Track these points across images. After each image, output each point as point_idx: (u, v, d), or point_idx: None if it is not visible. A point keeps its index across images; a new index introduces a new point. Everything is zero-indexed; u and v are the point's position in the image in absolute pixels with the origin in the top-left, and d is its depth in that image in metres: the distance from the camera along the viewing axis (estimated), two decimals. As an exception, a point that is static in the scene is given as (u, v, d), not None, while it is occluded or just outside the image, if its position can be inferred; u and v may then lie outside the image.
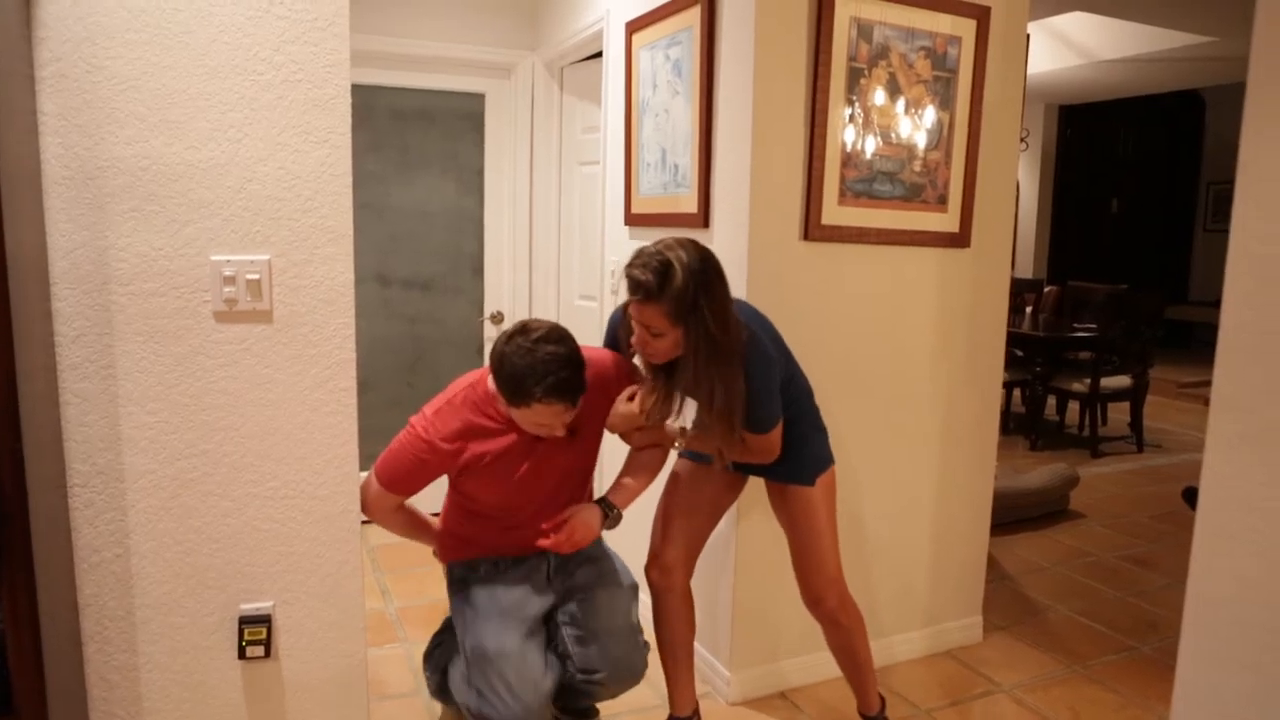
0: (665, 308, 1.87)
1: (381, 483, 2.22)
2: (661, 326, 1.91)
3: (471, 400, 2.17)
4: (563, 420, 2.07)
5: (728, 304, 1.95)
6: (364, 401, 3.95)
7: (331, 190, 1.96)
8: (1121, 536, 4.30)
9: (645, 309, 1.90)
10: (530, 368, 1.97)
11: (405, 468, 2.19)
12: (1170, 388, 8.04)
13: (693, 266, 1.89)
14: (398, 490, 2.22)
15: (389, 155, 3.95)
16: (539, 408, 2.00)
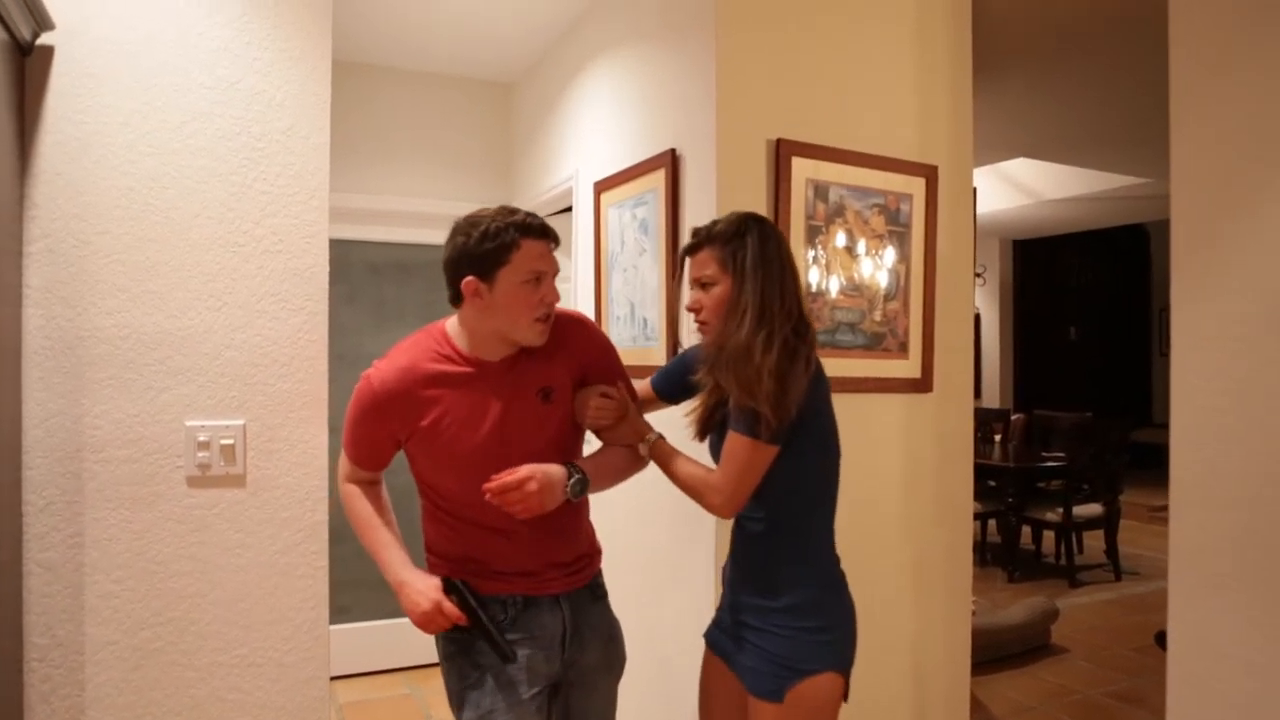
0: (715, 250, 1.73)
1: (345, 449, 1.88)
2: (712, 273, 1.73)
3: (424, 341, 1.81)
4: (555, 271, 1.74)
5: (786, 275, 1.74)
6: (337, 553, 3.89)
7: (307, 355, 2.01)
8: (1105, 671, 4.24)
9: (696, 257, 1.77)
10: (494, 219, 1.68)
11: (354, 419, 1.82)
12: (1143, 512, 8.09)
13: (745, 216, 1.78)
14: (355, 455, 1.86)
15: (364, 307, 4.04)
16: (523, 254, 1.65)
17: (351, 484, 1.89)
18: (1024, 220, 8.72)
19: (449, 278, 1.73)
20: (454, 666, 1.80)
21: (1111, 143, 5.53)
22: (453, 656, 1.80)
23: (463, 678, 1.77)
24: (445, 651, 1.82)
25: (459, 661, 1.79)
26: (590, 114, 3.36)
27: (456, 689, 1.79)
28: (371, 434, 1.81)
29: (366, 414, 1.79)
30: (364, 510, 1.88)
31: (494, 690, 1.74)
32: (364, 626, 4.04)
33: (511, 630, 1.77)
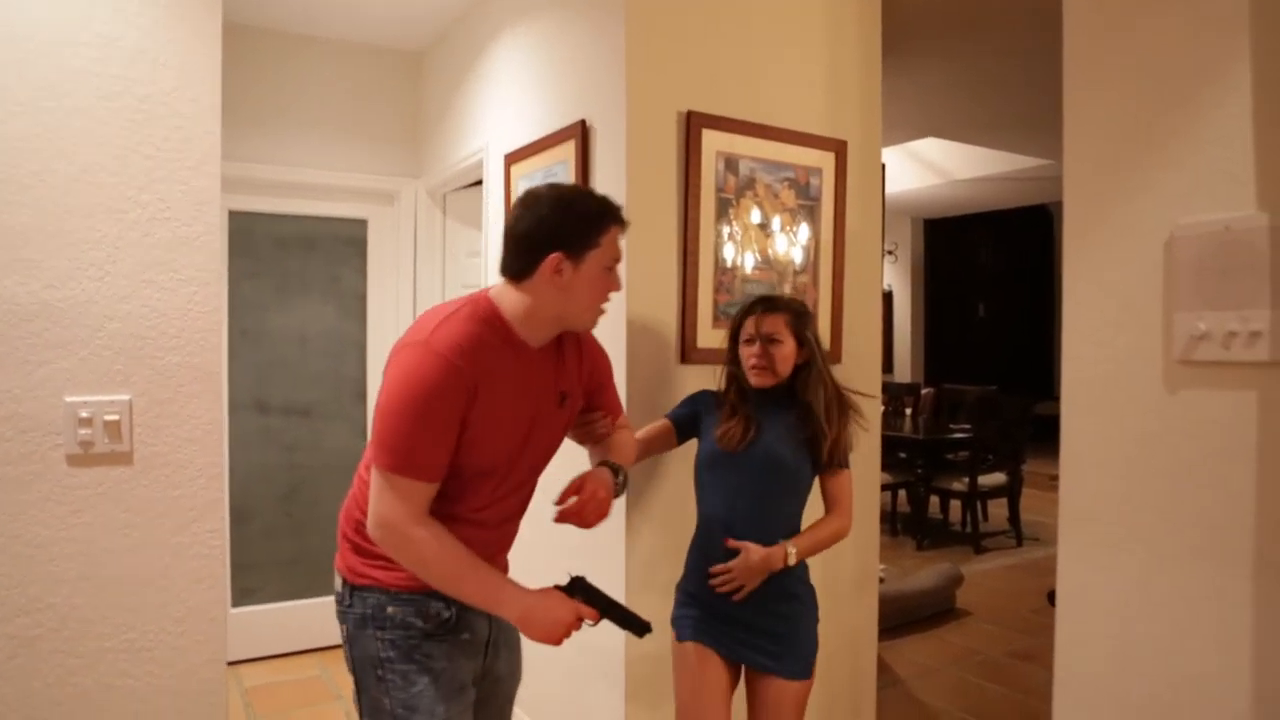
0: (785, 316, 2.10)
1: (398, 465, 1.44)
2: (783, 333, 2.09)
3: (477, 313, 1.57)
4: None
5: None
6: (240, 533, 3.82)
7: (200, 327, 1.93)
8: (1006, 632, 4.41)
9: (768, 318, 2.10)
10: (586, 197, 1.64)
11: (423, 411, 1.45)
12: (1044, 480, 8.42)
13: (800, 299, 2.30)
14: (429, 462, 1.47)
15: (268, 281, 3.90)
16: (610, 238, 1.59)
17: (428, 524, 1.49)
18: (935, 200, 8.94)
19: (523, 251, 1.55)
20: (396, 674, 1.57)
21: (1016, 125, 5.70)
22: (392, 663, 1.57)
23: (409, 684, 1.56)
24: (379, 658, 1.58)
25: (401, 668, 1.57)
26: (501, 84, 3.30)
27: (402, 697, 1.56)
28: (448, 422, 1.48)
29: (445, 394, 1.46)
30: (458, 549, 1.50)
31: (446, 696, 1.58)
32: (270, 609, 3.94)
33: (453, 631, 1.61)
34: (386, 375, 1.52)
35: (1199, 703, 1.46)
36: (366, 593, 1.59)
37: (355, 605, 1.60)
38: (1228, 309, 1.39)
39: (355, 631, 1.60)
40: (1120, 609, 1.57)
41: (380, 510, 1.47)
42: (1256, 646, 1.39)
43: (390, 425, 1.46)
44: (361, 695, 1.61)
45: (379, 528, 1.47)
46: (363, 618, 1.59)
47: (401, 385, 1.46)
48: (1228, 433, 1.40)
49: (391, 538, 1.47)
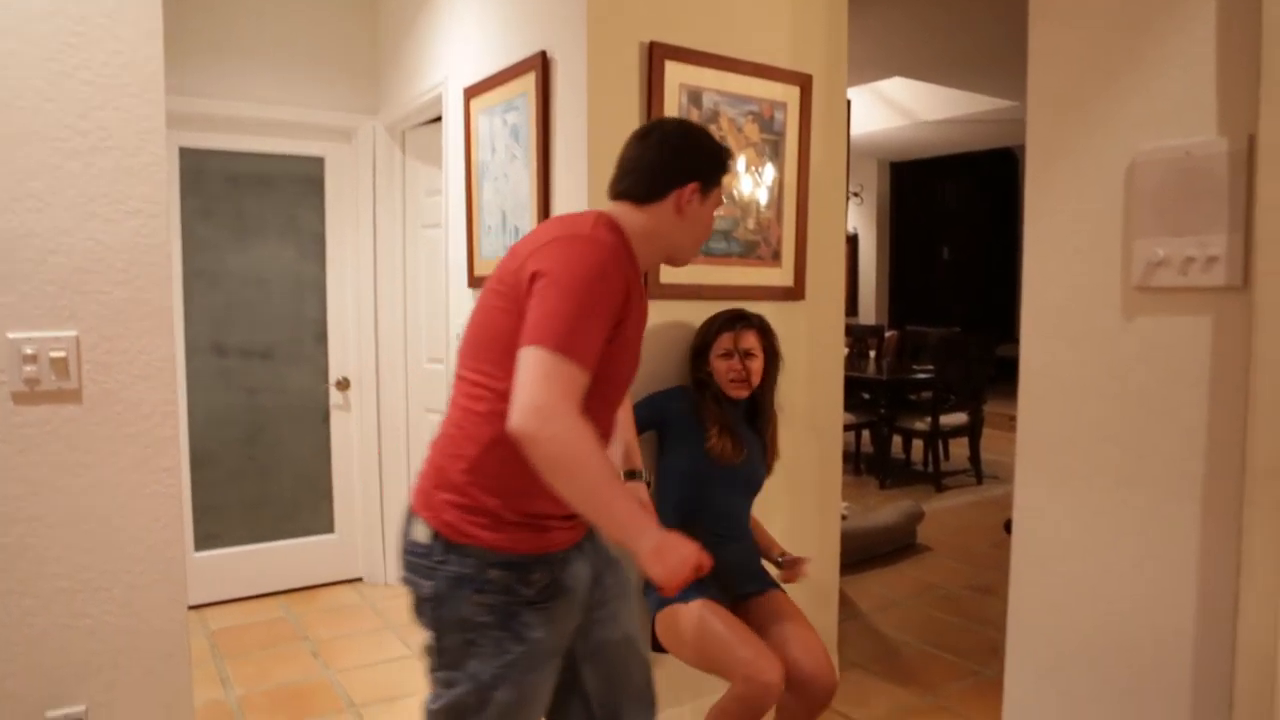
0: (758, 332, 2.42)
1: (563, 346, 1.34)
2: (757, 348, 2.41)
3: (615, 227, 1.55)
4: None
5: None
6: (202, 477, 3.78)
7: (148, 261, 1.87)
8: (965, 566, 4.51)
9: (745, 335, 2.40)
10: (709, 135, 1.69)
11: (588, 288, 1.38)
12: (1004, 420, 8.56)
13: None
14: (589, 345, 1.38)
15: (223, 221, 3.81)
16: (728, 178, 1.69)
17: (576, 395, 1.34)
18: (901, 141, 8.91)
19: (658, 174, 1.56)
20: (488, 640, 1.47)
21: (982, 64, 5.67)
22: (486, 629, 1.47)
23: (501, 652, 1.47)
24: (473, 622, 1.47)
25: (495, 634, 1.47)
26: (460, 15, 3.20)
27: (491, 665, 1.47)
28: (608, 312, 1.41)
29: (610, 284, 1.41)
30: (604, 459, 1.36)
31: (535, 665, 1.50)
32: (234, 552, 3.92)
33: (553, 597, 1.51)
34: (544, 264, 1.42)
35: (1147, 624, 1.50)
36: (466, 552, 1.47)
37: (450, 563, 1.47)
38: (1186, 235, 1.39)
39: (448, 591, 1.47)
40: (1074, 534, 1.60)
41: (535, 395, 1.31)
42: (1202, 569, 1.42)
43: (555, 308, 1.36)
44: (440, 655, 1.51)
45: (531, 414, 1.30)
46: (459, 578, 1.46)
47: (568, 271, 1.39)
48: (1183, 358, 1.42)
49: (545, 426, 1.30)
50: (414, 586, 1.51)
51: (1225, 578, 1.39)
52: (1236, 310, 1.34)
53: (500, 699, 1.46)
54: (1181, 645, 1.46)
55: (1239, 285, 1.33)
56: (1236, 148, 1.32)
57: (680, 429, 2.43)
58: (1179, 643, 1.46)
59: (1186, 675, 1.45)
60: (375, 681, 3.15)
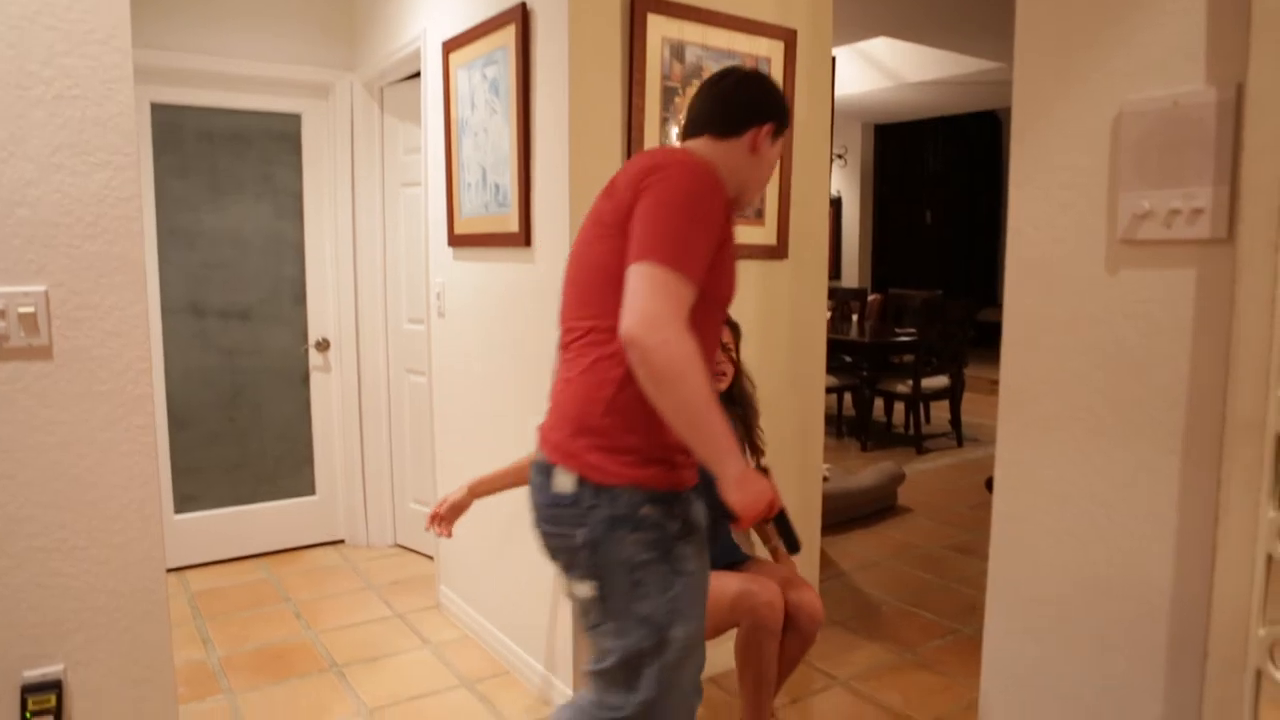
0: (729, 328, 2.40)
1: (671, 258, 1.37)
2: (730, 343, 2.43)
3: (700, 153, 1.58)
4: None
5: None
6: (181, 439, 3.75)
7: (118, 214, 1.83)
8: (945, 527, 4.56)
9: (726, 330, 2.35)
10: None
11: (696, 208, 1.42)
12: (985, 384, 8.62)
13: None
14: (695, 261, 1.40)
15: (198, 179, 3.74)
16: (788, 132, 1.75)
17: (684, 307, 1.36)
18: (885, 103, 8.85)
19: (738, 111, 1.60)
20: (653, 576, 1.47)
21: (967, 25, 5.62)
22: (648, 566, 1.47)
23: (667, 588, 1.47)
24: (635, 562, 1.47)
25: (659, 570, 1.47)
26: (437, -34, 3.13)
27: (661, 601, 1.47)
28: (714, 228, 1.44)
29: (715, 201, 1.44)
30: (706, 376, 1.37)
31: (699, 599, 1.52)
32: (213, 514, 3.90)
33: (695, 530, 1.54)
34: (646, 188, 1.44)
35: (1125, 576, 1.51)
36: (617, 492, 1.46)
37: (602, 506, 1.46)
38: (1172, 187, 1.38)
39: (603, 534, 1.46)
40: (1055, 487, 1.61)
41: (646, 305, 1.33)
42: (1180, 521, 1.43)
43: (660, 225, 1.39)
44: (605, 603, 1.50)
45: (641, 321, 1.32)
46: (613, 519, 1.46)
47: (676, 188, 1.42)
48: (1166, 311, 1.41)
49: (654, 333, 1.32)
50: (563, 540, 1.51)
51: (1203, 530, 1.40)
52: (1220, 263, 1.34)
53: (677, 636, 1.48)
54: (1158, 597, 1.47)
55: (1223, 237, 1.33)
56: (1225, 97, 1.31)
57: None
58: (1156, 594, 1.47)
59: (1163, 627, 1.47)
60: (357, 641, 3.15)
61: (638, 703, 1.49)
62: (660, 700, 1.49)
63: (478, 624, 3.15)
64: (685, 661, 1.51)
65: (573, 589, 1.54)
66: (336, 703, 2.71)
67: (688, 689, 1.54)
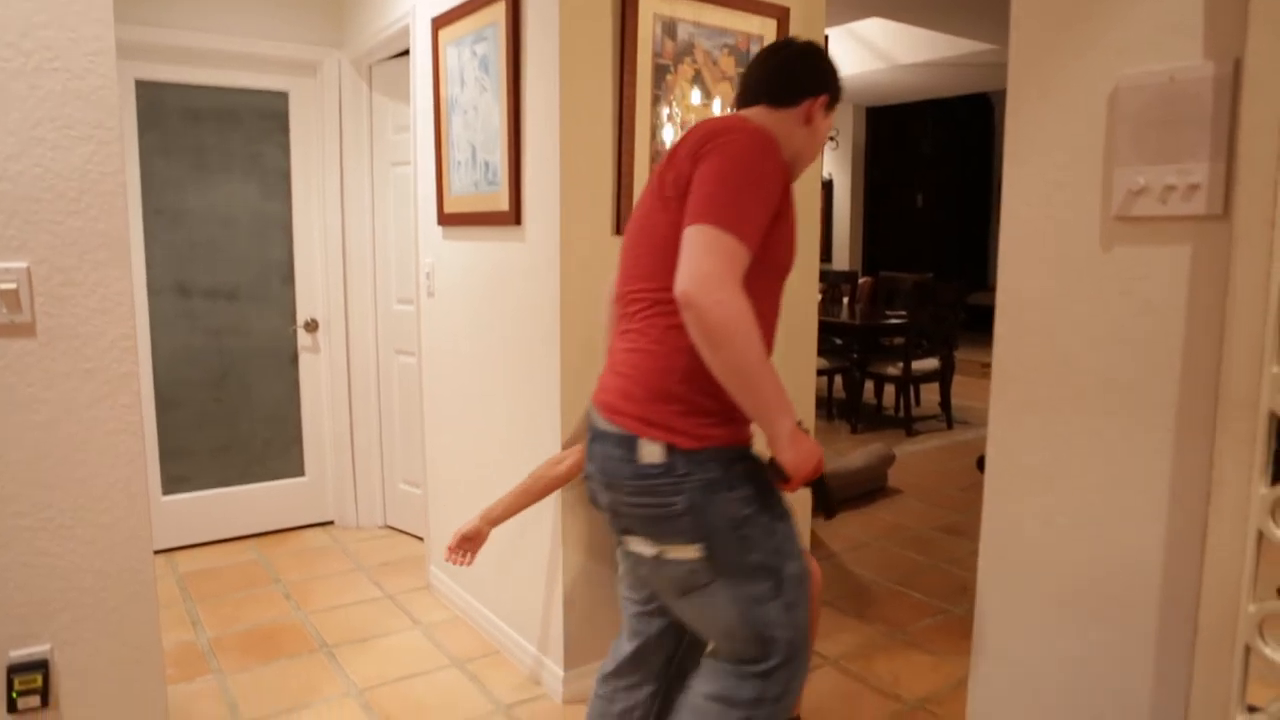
0: None
1: (729, 221, 1.39)
2: None
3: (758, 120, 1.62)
4: None
5: None
6: (168, 420, 3.73)
7: (102, 190, 1.80)
8: (934, 509, 4.57)
9: None
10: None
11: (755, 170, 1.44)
12: (975, 367, 8.65)
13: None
14: (752, 225, 1.42)
15: (183, 157, 3.69)
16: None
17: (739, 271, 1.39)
18: (877, 86, 8.81)
19: (794, 82, 1.63)
20: (758, 527, 1.53)
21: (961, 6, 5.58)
22: (752, 519, 1.53)
23: (771, 533, 1.54)
24: (739, 518, 1.52)
25: (762, 520, 1.54)
26: (425, -59, 3.09)
27: (768, 547, 1.54)
28: (772, 194, 1.45)
29: (774, 166, 1.46)
30: (760, 337, 1.39)
31: (795, 531, 1.61)
32: (202, 496, 3.88)
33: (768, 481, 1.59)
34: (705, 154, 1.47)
35: (1117, 553, 1.51)
36: (708, 455, 1.50)
37: (695, 472, 1.49)
38: (1168, 163, 1.37)
39: (703, 499, 1.49)
40: (1047, 465, 1.61)
41: (701, 264, 1.36)
42: (1172, 498, 1.43)
43: (718, 188, 1.42)
44: (714, 560, 1.53)
45: (696, 281, 1.35)
46: (709, 482, 1.50)
47: (734, 154, 1.44)
48: (1160, 288, 1.40)
49: (710, 293, 1.35)
50: (658, 508, 1.52)
51: (1194, 508, 1.40)
52: (1216, 239, 1.33)
53: (790, 572, 1.56)
54: (1149, 575, 1.47)
55: (1219, 213, 1.32)
56: (1222, 72, 1.30)
57: None
58: (1147, 572, 1.47)
59: (1153, 604, 1.47)
60: (348, 622, 3.15)
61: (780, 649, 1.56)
62: (796, 639, 1.57)
63: (468, 605, 3.15)
64: (800, 595, 1.57)
65: (670, 554, 1.55)
66: (326, 683, 2.70)
67: (804, 623, 1.59)
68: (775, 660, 1.56)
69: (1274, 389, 1.24)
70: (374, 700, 2.60)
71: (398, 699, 2.61)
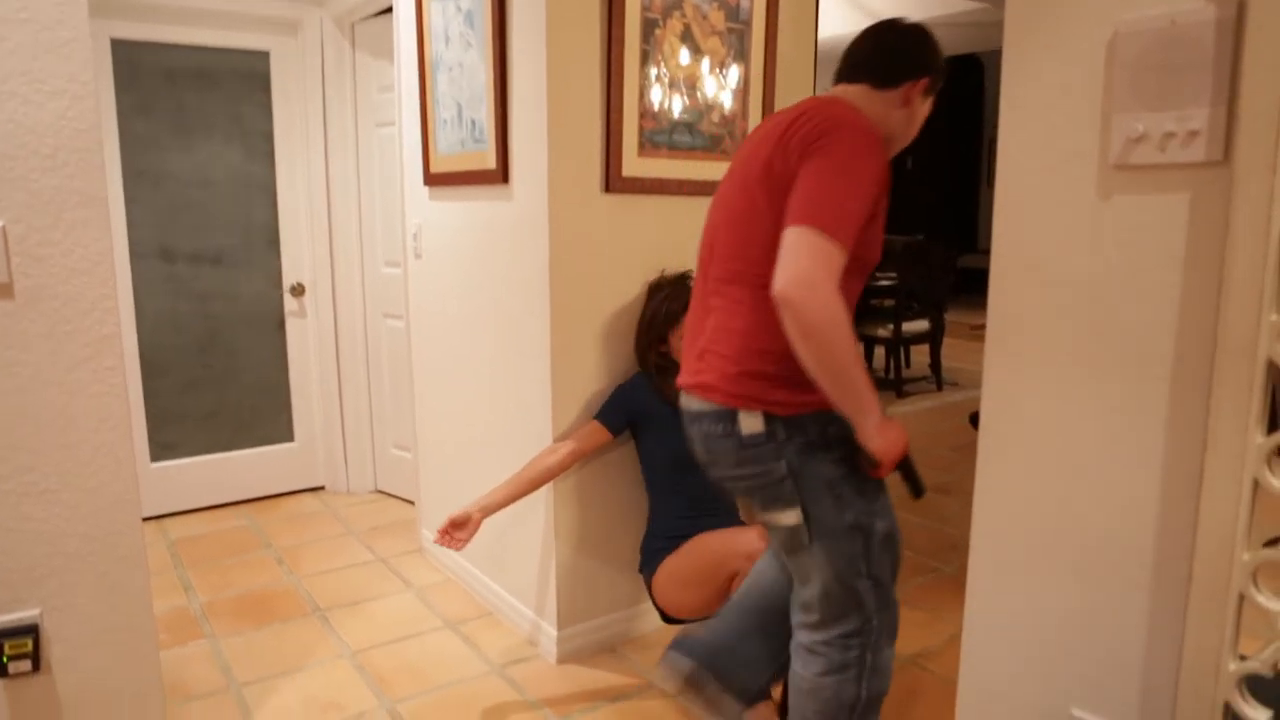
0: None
1: (829, 225, 1.43)
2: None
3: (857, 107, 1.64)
4: None
5: None
6: (155, 386, 3.69)
7: (78, 146, 1.75)
8: (925, 469, 4.58)
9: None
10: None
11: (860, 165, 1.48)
12: (964, 329, 8.66)
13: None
14: (850, 228, 1.46)
15: (162, 118, 3.62)
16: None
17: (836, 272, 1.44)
18: (867, 45, 8.70)
19: (899, 63, 1.67)
20: (850, 487, 1.61)
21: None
22: (846, 479, 1.61)
23: (863, 493, 1.62)
24: (834, 478, 1.59)
25: (854, 480, 1.62)
26: (407, -108, 3.01)
27: (861, 507, 1.61)
28: (870, 197, 1.50)
29: (877, 169, 1.51)
30: (852, 334, 1.45)
31: (884, 488, 1.68)
32: (191, 462, 3.85)
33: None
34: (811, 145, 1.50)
35: (1112, 506, 1.51)
36: (803, 421, 1.57)
37: (794, 436, 1.57)
38: (1168, 109, 1.35)
39: (801, 461, 1.57)
40: (1042, 418, 1.60)
41: (802, 266, 1.41)
42: (1168, 449, 1.42)
43: (828, 189, 1.46)
44: (813, 522, 1.60)
45: (796, 284, 1.40)
46: (807, 445, 1.57)
47: (843, 155, 1.47)
48: (1158, 238, 1.39)
49: (810, 296, 1.40)
50: (762, 476, 1.60)
51: (1190, 458, 1.39)
52: (1215, 186, 1.31)
53: (880, 529, 1.63)
54: (1144, 526, 1.47)
55: (1219, 160, 1.30)
56: (1224, 15, 1.27)
57: (655, 416, 2.45)
58: (1141, 523, 1.47)
59: (1148, 555, 1.47)
60: (340, 585, 3.14)
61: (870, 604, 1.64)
62: (883, 595, 1.65)
63: (460, 567, 3.15)
64: (887, 550, 1.65)
65: (775, 519, 1.63)
66: (320, 645, 2.70)
67: (891, 580, 1.68)
68: (865, 619, 1.65)
69: (1272, 337, 1.23)
70: (367, 662, 2.60)
71: (391, 660, 2.61)
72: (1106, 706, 1.56)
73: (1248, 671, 1.33)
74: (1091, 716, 1.58)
